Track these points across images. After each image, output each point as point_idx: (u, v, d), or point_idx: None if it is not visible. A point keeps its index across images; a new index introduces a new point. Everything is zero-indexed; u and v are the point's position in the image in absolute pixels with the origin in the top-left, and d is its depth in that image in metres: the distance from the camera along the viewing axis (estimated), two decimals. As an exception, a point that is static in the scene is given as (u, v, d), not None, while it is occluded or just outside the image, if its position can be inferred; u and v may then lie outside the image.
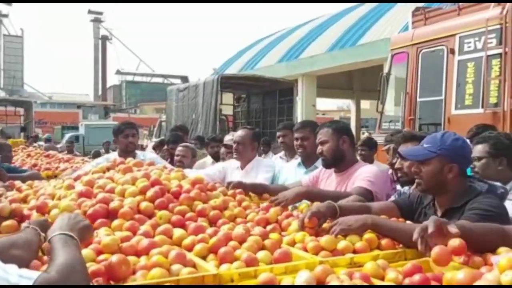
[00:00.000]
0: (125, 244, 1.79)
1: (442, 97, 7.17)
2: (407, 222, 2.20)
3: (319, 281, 1.49)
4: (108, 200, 2.29)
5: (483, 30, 6.50)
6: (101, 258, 1.67)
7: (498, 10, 6.47)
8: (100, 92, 55.09)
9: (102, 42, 56.22)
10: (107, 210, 2.22)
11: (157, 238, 1.94)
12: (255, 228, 2.15)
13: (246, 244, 1.91)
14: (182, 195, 2.46)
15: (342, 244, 1.94)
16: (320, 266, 1.59)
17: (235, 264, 1.73)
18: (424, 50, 7.60)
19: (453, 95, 7.00)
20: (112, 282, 1.57)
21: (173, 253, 1.71)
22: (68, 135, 24.31)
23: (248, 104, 14.36)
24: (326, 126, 3.21)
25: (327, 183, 3.24)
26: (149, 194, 2.41)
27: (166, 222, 2.19)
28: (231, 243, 1.92)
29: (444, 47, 7.21)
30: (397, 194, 2.86)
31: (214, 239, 1.91)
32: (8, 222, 2.14)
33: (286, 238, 2.10)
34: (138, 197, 2.39)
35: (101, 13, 56.82)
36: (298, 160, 3.88)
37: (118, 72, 54.56)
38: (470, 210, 2.02)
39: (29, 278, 1.22)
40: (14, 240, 1.61)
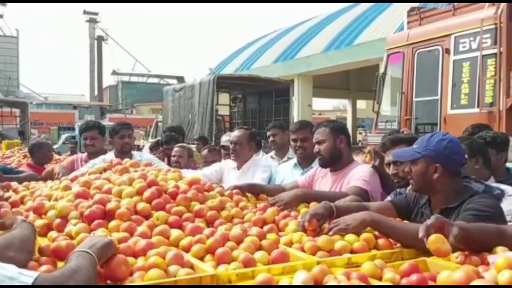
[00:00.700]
0: (122, 245, 1.79)
1: (438, 96, 7.20)
2: (404, 221, 2.21)
3: (317, 281, 1.50)
4: (105, 201, 2.29)
5: (478, 30, 6.53)
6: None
7: (492, 10, 6.50)
8: (96, 92, 54.90)
9: (97, 42, 56.00)
10: (104, 211, 2.22)
11: (154, 239, 1.94)
12: (252, 228, 2.16)
13: (243, 244, 1.91)
14: (179, 196, 2.46)
15: (339, 244, 1.95)
16: (317, 267, 1.59)
17: (233, 264, 1.73)
18: (419, 50, 7.62)
19: (448, 95, 7.03)
20: (109, 282, 1.57)
21: (170, 254, 1.71)
22: (64, 136, 24.22)
23: (244, 104, 14.36)
24: (323, 126, 3.21)
25: (323, 182, 3.25)
26: (146, 194, 2.41)
27: (163, 223, 2.19)
28: (229, 244, 1.91)
29: (439, 47, 7.23)
30: (393, 194, 2.87)
31: (211, 240, 1.91)
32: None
33: (283, 239, 2.10)
34: (135, 197, 2.40)
35: (96, 13, 56.61)
36: (294, 160, 3.87)
37: (114, 72, 54.39)
38: (466, 210, 2.02)
39: (29, 276, 1.23)
40: (9, 240, 1.60)
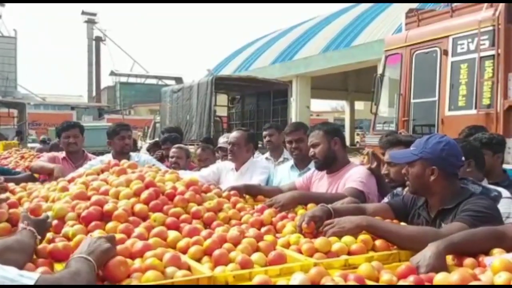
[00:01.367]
0: (119, 246, 1.78)
1: (436, 98, 7.20)
2: (402, 223, 2.22)
3: (314, 283, 1.50)
4: (102, 202, 2.28)
5: (476, 31, 6.53)
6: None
7: (490, 12, 6.51)
8: (94, 93, 54.80)
9: (95, 43, 55.92)
10: (101, 212, 2.22)
11: (151, 240, 1.94)
12: (250, 230, 2.16)
13: (240, 246, 1.91)
14: (177, 197, 2.46)
15: (336, 246, 1.95)
16: (314, 268, 1.59)
17: (230, 266, 1.73)
18: (417, 52, 7.63)
19: (446, 96, 7.03)
20: (107, 283, 1.57)
21: (167, 255, 1.71)
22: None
23: (242, 105, 14.38)
24: (317, 129, 3.20)
25: (320, 184, 3.25)
26: (143, 196, 2.41)
27: (161, 224, 2.19)
28: (226, 245, 1.91)
29: (437, 49, 7.23)
30: (390, 195, 2.87)
31: (208, 241, 1.91)
32: (1, 225, 2.13)
33: (280, 240, 2.10)
34: (132, 199, 2.39)
35: (94, 14, 56.54)
36: (291, 162, 3.87)
37: (112, 73, 54.31)
38: (463, 211, 2.02)
39: (30, 277, 1.23)
40: (9, 244, 1.61)
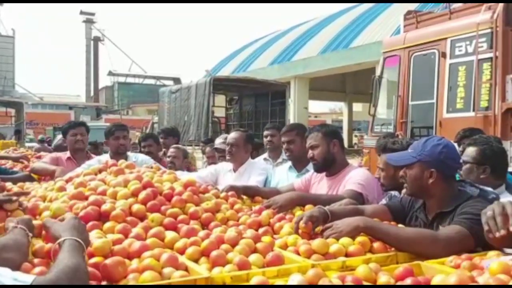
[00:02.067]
0: (116, 247, 1.78)
1: (434, 100, 7.22)
2: (399, 225, 2.22)
3: (311, 284, 1.50)
4: (100, 202, 2.28)
5: (474, 34, 6.55)
6: (92, 261, 1.65)
7: (488, 15, 6.52)
8: (92, 93, 54.81)
9: (94, 43, 55.95)
10: (99, 212, 2.21)
11: (149, 241, 1.94)
12: (247, 231, 2.15)
13: (238, 247, 1.91)
14: (174, 198, 2.46)
15: (334, 247, 1.94)
16: (312, 270, 1.59)
17: (227, 267, 1.73)
18: (415, 54, 7.65)
19: (444, 99, 7.05)
20: (104, 283, 1.56)
21: (165, 256, 1.71)
22: (59, 136, 24.04)
23: (240, 106, 14.39)
24: (315, 130, 3.18)
25: (319, 187, 3.24)
26: (141, 196, 2.40)
27: (158, 225, 2.19)
28: (223, 246, 1.91)
29: (435, 51, 7.25)
30: (388, 197, 2.87)
31: (206, 242, 1.91)
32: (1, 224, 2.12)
33: (278, 241, 2.10)
34: (130, 199, 2.39)
35: (93, 14, 56.59)
36: (289, 163, 3.87)
37: (110, 73, 54.33)
38: (461, 214, 2.02)
39: (23, 282, 1.22)
40: (4, 242, 1.60)
